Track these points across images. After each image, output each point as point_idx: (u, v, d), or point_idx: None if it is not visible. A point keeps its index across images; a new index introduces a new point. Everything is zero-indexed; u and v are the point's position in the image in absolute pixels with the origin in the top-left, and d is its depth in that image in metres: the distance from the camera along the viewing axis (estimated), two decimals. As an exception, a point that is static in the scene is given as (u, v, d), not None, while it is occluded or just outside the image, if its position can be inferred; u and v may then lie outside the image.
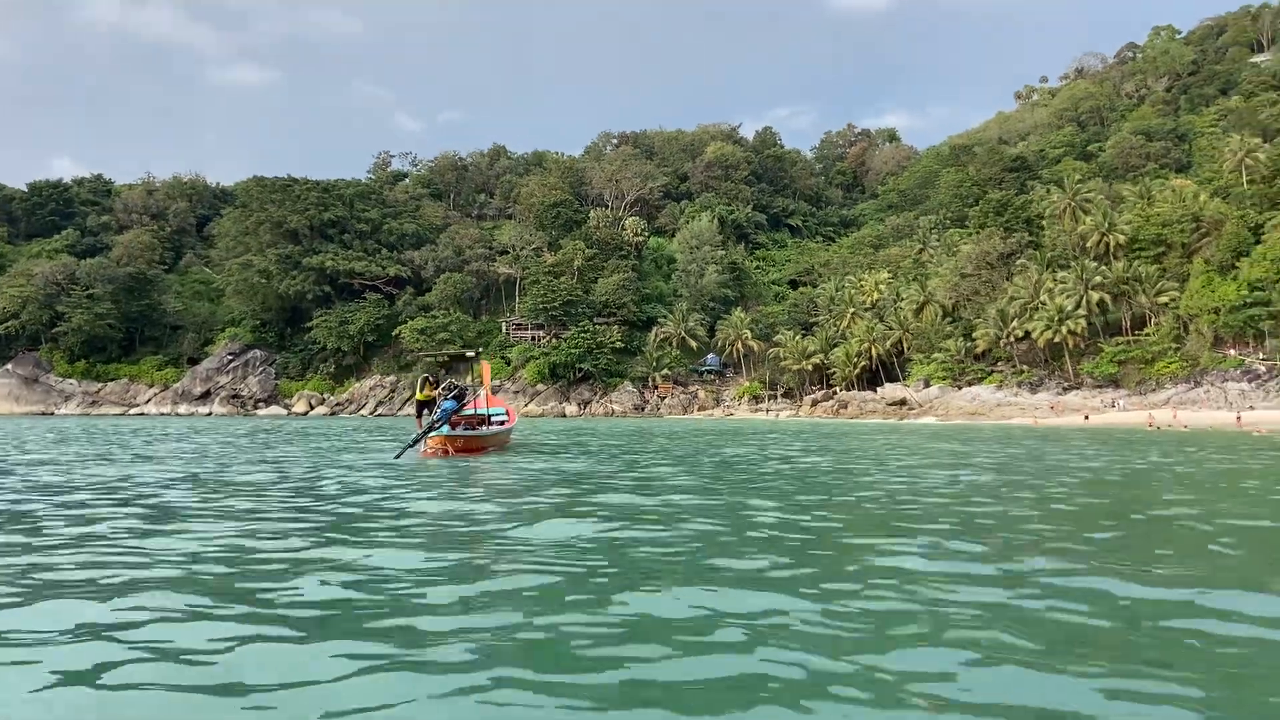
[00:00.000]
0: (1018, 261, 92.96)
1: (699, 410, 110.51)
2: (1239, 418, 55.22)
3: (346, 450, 23.61)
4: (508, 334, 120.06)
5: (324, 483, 13.95)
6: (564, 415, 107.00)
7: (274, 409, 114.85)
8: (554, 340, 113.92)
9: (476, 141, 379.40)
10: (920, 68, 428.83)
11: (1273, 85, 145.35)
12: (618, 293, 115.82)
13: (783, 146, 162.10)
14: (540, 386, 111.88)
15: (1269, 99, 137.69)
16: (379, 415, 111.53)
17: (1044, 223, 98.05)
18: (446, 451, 19.11)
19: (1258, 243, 75.45)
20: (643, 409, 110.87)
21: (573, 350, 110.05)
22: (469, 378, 27.01)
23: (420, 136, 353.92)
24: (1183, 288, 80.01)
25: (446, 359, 72.82)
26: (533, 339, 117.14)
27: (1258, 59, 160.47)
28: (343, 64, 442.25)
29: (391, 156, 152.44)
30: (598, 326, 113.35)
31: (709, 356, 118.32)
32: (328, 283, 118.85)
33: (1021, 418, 73.52)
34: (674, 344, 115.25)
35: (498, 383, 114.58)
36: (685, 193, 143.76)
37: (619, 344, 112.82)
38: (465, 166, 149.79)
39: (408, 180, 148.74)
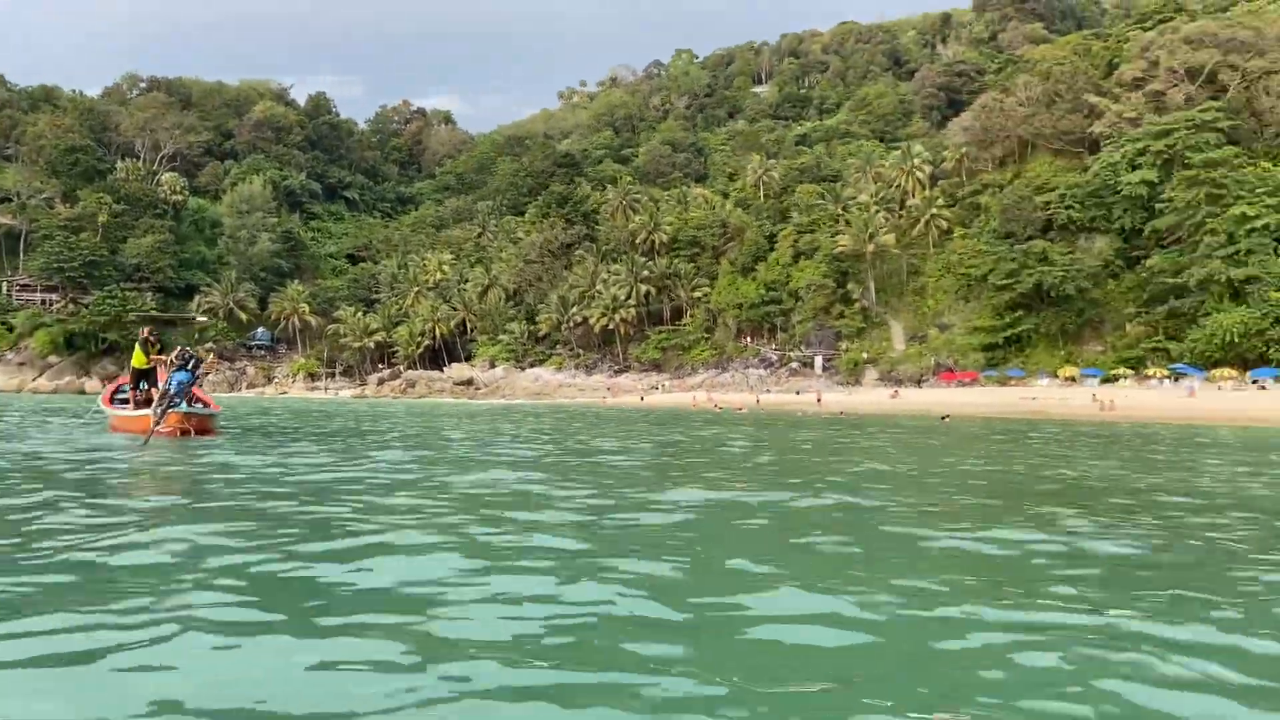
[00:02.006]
0: (576, 252, 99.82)
1: (249, 388, 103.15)
2: (819, 398, 62.85)
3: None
4: (9, 296, 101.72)
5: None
6: (83, 392, 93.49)
7: None
8: (72, 306, 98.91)
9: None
10: (471, 58, 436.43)
11: (770, 114, 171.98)
12: (152, 255, 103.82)
13: (337, 115, 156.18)
14: (53, 358, 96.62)
15: (768, 125, 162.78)
16: None
17: (599, 218, 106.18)
18: (187, 432, 16.39)
19: (772, 249, 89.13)
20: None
21: (97, 318, 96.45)
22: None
23: None
24: (713, 285, 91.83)
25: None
26: (44, 303, 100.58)
27: (758, 89, 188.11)
28: None
29: None
30: (127, 293, 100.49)
31: (259, 330, 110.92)
32: None
33: (583, 398, 79.33)
34: (221, 315, 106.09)
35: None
36: (230, 151, 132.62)
37: (155, 313, 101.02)
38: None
39: None
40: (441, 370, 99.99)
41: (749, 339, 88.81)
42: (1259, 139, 69.57)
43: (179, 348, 18.12)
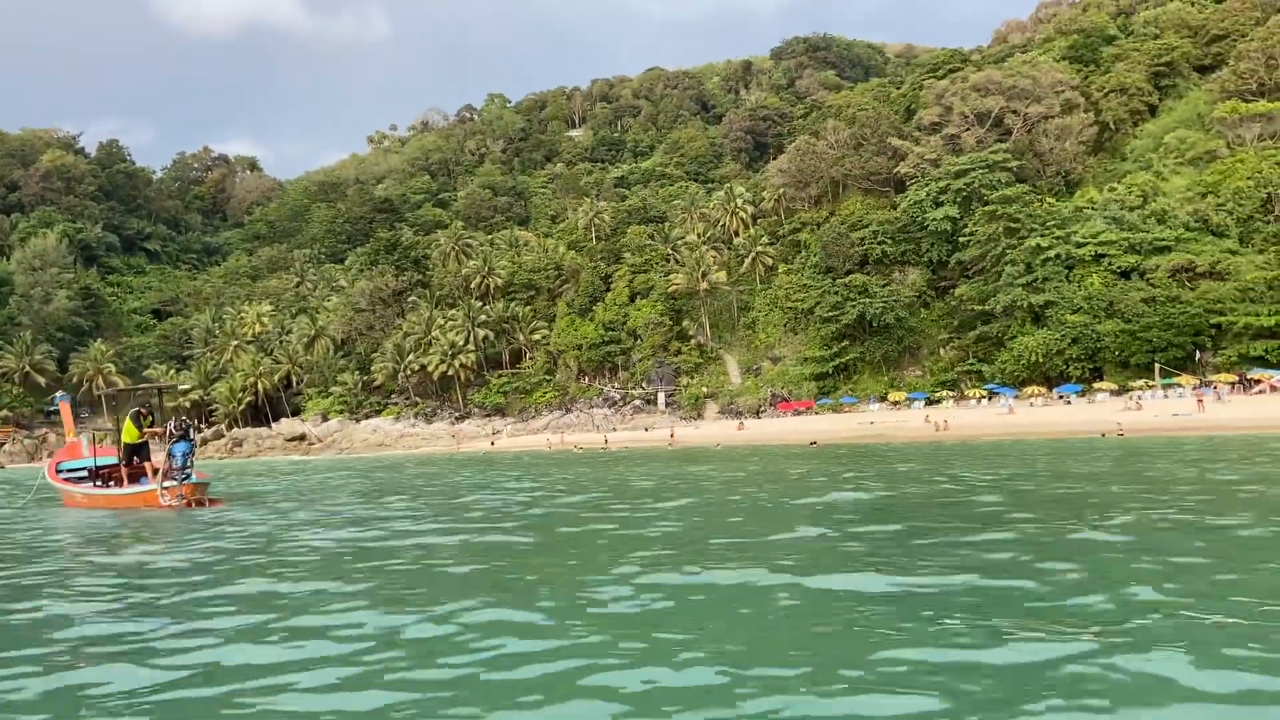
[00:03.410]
0: (409, 299, 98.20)
1: (48, 456, 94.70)
2: (673, 434, 63.67)
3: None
4: None
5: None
6: None
7: None
8: None
9: None
10: (266, 101, 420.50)
11: (587, 157, 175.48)
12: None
13: (132, 162, 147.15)
14: None
15: (585, 168, 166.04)
16: None
17: (429, 264, 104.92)
18: (201, 503, 16.09)
19: (608, 290, 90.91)
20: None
21: None
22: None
23: None
24: (551, 326, 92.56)
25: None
26: None
27: (573, 133, 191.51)
28: None
29: None
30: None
31: (58, 394, 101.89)
32: None
33: (428, 447, 77.97)
34: (16, 380, 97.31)
35: None
36: (16, 204, 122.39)
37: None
38: None
39: None
40: (269, 426, 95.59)
41: (591, 379, 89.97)
42: (1042, 177, 77.61)
43: (173, 419, 17.70)
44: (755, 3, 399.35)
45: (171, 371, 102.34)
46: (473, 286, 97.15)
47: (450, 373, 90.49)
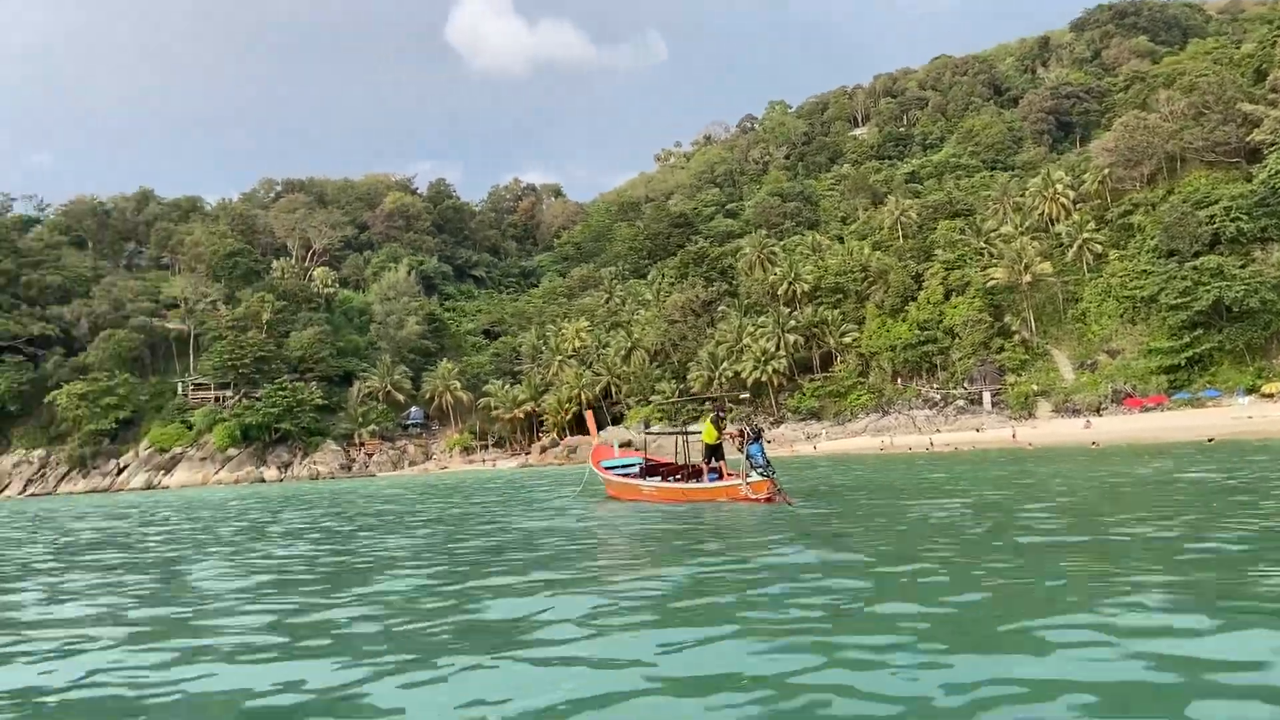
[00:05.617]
0: (718, 308, 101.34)
1: (411, 465, 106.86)
2: (1014, 434, 64.20)
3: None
4: (185, 396, 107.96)
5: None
6: (263, 480, 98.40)
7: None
8: (244, 400, 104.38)
9: (77, 186, 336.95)
10: (556, 129, 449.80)
11: (873, 155, 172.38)
12: (314, 346, 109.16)
13: (458, 199, 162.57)
14: (232, 451, 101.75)
15: (874, 167, 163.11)
16: (30, 495, 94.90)
17: (735, 273, 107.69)
18: (772, 499, 17.97)
19: (920, 289, 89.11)
20: (349, 468, 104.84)
21: (271, 410, 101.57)
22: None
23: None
24: (861, 329, 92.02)
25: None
26: (217, 399, 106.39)
27: (857, 132, 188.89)
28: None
29: (12, 200, 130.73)
30: (295, 384, 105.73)
31: (413, 410, 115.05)
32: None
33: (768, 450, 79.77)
34: (380, 398, 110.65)
35: (180, 450, 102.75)
36: (366, 243, 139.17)
37: (319, 401, 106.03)
38: (108, 211, 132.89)
39: (40, 227, 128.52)
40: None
41: (907, 380, 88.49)
42: None
43: (744, 422, 20.07)
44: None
45: (505, 386, 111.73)
46: (780, 293, 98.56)
47: (764, 378, 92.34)
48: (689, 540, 12.93)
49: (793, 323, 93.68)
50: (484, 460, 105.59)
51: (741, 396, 34.14)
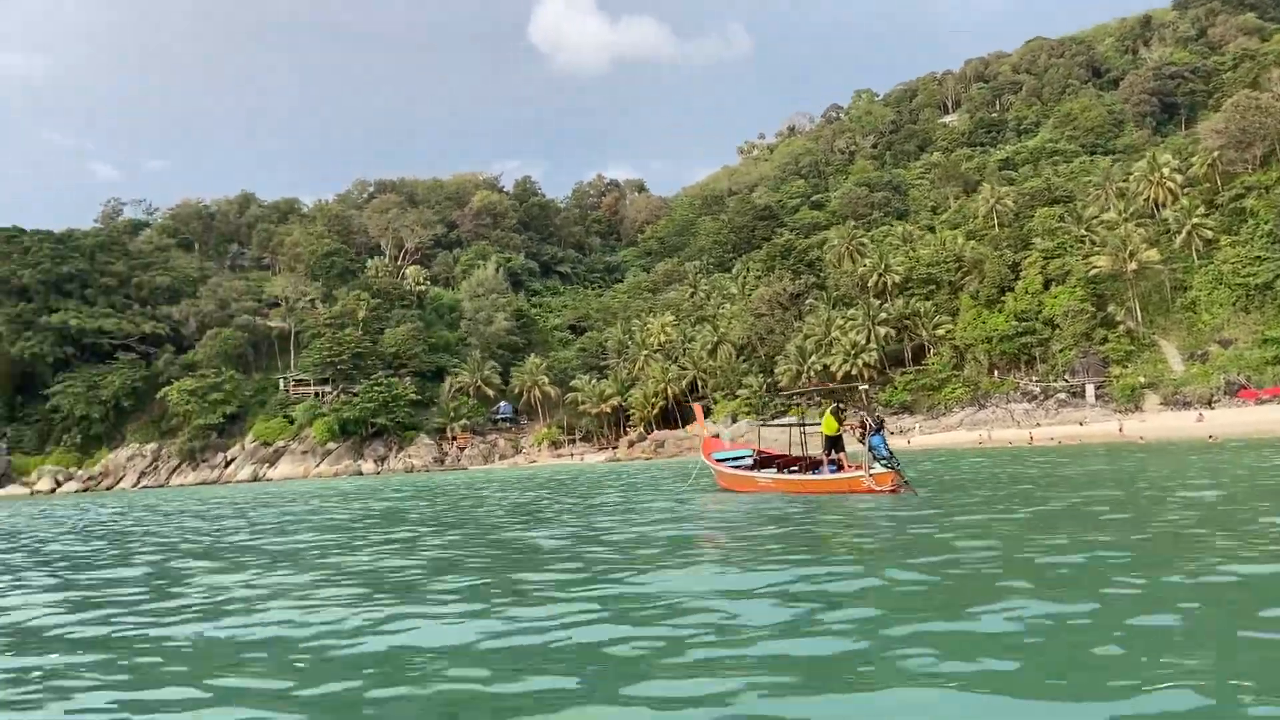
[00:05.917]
0: (806, 301, 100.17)
1: (500, 459, 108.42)
2: (1121, 428, 62.56)
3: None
4: (287, 391, 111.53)
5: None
6: (360, 474, 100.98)
7: (10, 489, 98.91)
8: (342, 395, 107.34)
9: (185, 189, 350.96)
10: (637, 124, 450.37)
11: (964, 142, 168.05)
12: (407, 343, 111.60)
13: (543, 196, 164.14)
14: (331, 445, 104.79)
15: (965, 154, 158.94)
16: (144, 487, 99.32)
17: (823, 265, 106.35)
18: (897, 489, 18.08)
19: (1016, 279, 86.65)
20: (442, 461, 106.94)
21: (367, 405, 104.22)
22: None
23: (122, 186, 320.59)
24: (955, 320, 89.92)
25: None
26: (317, 395, 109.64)
27: (946, 119, 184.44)
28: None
29: (123, 204, 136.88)
30: (390, 379, 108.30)
31: (502, 404, 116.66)
32: (70, 343, 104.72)
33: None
34: (470, 393, 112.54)
35: (283, 443, 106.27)
36: (455, 241, 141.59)
37: (413, 396, 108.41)
38: (212, 214, 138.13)
39: (150, 230, 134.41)
40: (682, 429, 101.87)
41: (1003, 373, 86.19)
42: None
43: (863, 415, 20.11)
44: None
45: (592, 380, 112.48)
46: (869, 285, 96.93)
47: (854, 372, 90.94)
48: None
49: (883, 315, 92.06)
50: (571, 454, 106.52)
51: (861, 387, 33.62)
